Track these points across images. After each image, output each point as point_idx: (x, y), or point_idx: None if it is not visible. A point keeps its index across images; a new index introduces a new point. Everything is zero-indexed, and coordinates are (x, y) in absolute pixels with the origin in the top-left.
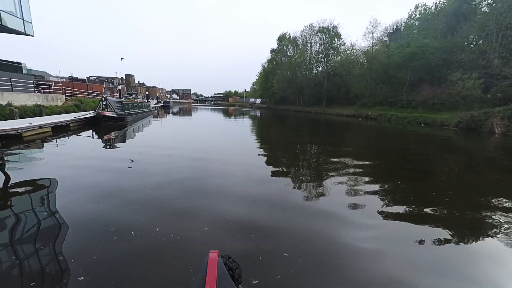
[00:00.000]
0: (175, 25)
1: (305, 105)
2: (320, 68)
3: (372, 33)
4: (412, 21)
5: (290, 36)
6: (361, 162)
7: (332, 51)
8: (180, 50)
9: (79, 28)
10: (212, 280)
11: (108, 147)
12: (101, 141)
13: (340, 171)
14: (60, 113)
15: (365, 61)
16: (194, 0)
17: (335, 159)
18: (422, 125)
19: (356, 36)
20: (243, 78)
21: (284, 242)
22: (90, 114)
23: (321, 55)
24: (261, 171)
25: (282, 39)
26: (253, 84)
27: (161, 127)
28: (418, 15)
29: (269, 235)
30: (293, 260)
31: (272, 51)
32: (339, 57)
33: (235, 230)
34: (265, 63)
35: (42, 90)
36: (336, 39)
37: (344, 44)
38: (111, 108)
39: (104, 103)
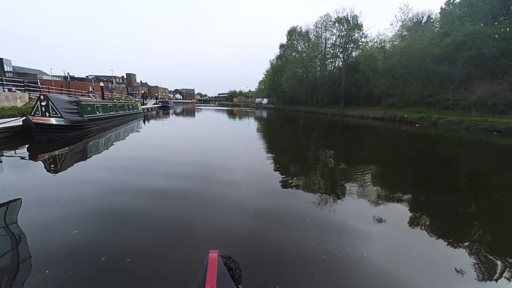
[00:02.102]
0: (177, 26)
1: (319, 105)
2: (337, 64)
3: (403, 22)
4: (451, 6)
5: (301, 29)
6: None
7: (351, 45)
8: (183, 50)
9: (80, 29)
10: (212, 280)
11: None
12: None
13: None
14: (13, 116)
15: (393, 54)
16: (194, 0)
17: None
18: (495, 133)
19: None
20: (247, 78)
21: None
22: (15, 121)
23: (338, 49)
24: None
25: (292, 32)
26: (259, 83)
27: (146, 136)
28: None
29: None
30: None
31: (281, 46)
32: (359, 51)
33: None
34: (273, 59)
35: (13, 88)
36: (356, 31)
37: (366, 36)
38: (55, 111)
39: (44, 103)
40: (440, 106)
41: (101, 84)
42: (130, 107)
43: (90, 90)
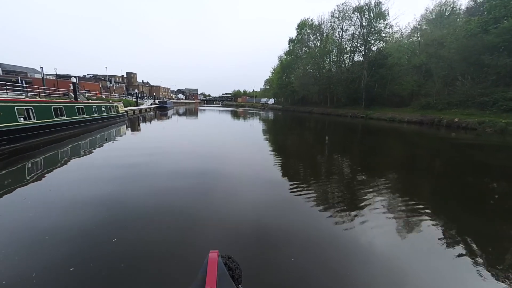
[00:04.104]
0: (180, 26)
1: (335, 106)
2: (356, 59)
3: (440, 7)
4: None
5: (312, 22)
6: None
7: (374, 36)
8: (186, 50)
9: (86, 30)
10: (212, 280)
11: None
12: None
13: None
14: None
15: (428, 46)
16: (195, 1)
17: None
18: None
19: None
20: (250, 78)
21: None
22: None
23: (358, 42)
24: None
25: (302, 26)
26: (265, 82)
27: (103, 161)
28: None
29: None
30: None
31: (291, 40)
32: (382, 44)
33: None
34: (281, 55)
35: None
36: (379, 20)
37: (391, 26)
38: None
39: None
40: (500, 107)
41: (73, 79)
42: (103, 109)
43: (70, 89)
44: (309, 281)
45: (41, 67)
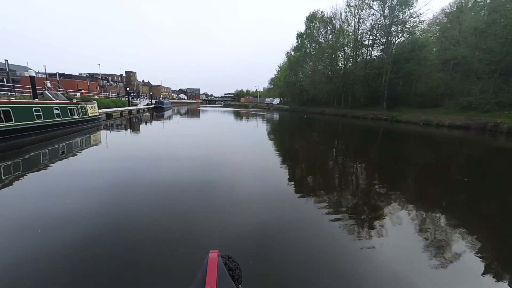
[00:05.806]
0: (181, 26)
1: (350, 106)
2: (376, 53)
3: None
4: None
5: (323, 15)
6: None
7: (398, 27)
8: (188, 50)
9: (81, 29)
10: (212, 280)
11: None
12: None
13: None
14: None
15: (466, 37)
16: (196, 1)
17: None
18: None
19: None
20: (253, 78)
21: None
22: None
23: (379, 33)
24: None
25: (312, 19)
26: (270, 81)
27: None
28: None
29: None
30: None
31: (299, 35)
32: (407, 35)
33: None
34: (289, 51)
35: None
36: (403, 9)
37: (419, 15)
38: None
39: None
40: None
41: (31, 73)
42: (57, 112)
43: (48, 85)
44: (310, 282)
45: (6, 60)
